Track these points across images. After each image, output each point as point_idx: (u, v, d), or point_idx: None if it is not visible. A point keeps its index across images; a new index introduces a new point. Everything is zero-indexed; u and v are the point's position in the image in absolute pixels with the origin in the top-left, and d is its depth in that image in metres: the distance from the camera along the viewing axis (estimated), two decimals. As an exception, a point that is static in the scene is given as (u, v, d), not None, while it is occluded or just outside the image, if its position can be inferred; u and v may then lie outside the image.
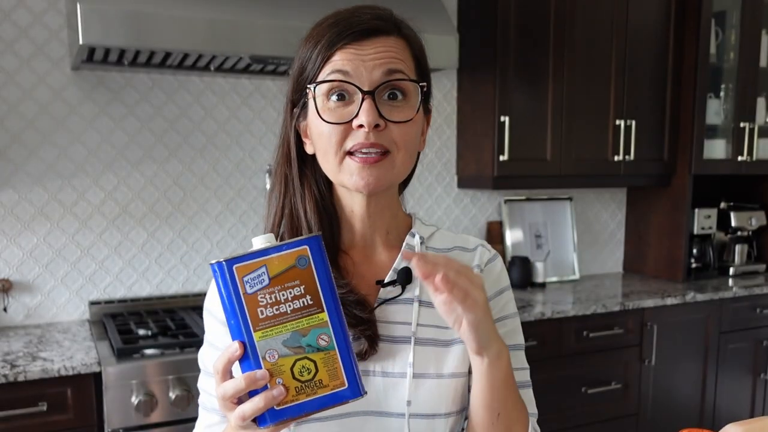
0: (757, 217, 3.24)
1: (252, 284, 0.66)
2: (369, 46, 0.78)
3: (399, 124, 0.79)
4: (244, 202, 2.51)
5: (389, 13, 0.82)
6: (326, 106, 0.79)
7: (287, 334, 0.67)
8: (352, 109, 0.78)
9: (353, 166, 0.79)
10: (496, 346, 0.76)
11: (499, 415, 0.79)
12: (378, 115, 0.77)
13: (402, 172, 0.83)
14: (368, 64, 0.78)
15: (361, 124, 0.77)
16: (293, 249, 0.67)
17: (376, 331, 0.83)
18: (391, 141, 0.79)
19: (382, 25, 0.80)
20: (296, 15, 2.00)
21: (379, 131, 0.78)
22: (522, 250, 3.02)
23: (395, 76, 0.79)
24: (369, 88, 0.77)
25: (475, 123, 2.75)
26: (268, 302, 0.67)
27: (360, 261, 0.88)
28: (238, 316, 0.66)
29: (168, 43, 1.88)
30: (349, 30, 0.78)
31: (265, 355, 0.67)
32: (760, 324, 2.97)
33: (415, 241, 0.89)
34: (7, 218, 2.19)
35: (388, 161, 0.80)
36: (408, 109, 0.80)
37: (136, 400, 1.80)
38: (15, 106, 2.16)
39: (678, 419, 2.81)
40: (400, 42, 0.81)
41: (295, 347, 0.67)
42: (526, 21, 2.62)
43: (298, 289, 0.67)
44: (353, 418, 0.82)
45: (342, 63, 0.78)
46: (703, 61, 2.89)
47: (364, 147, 0.78)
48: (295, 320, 0.67)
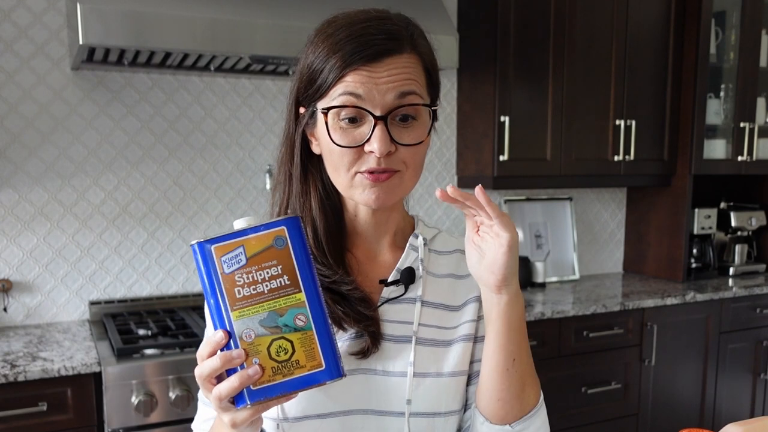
0: (757, 217, 3.24)
1: (230, 264, 0.67)
2: (382, 68, 0.77)
3: (409, 147, 0.79)
4: (244, 202, 2.51)
5: (402, 27, 0.80)
6: (337, 124, 0.78)
7: (264, 314, 0.67)
8: (363, 130, 0.78)
9: (365, 182, 0.79)
10: (516, 284, 0.78)
11: (515, 360, 0.80)
12: (389, 140, 0.77)
13: (410, 187, 0.83)
14: (381, 87, 0.76)
15: (373, 150, 0.77)
16: (271, 230, 0.68)
17: (380, 328, 0.84)
18: (401, 162, 0.79)
19: (395, 45, 0.78)
20: (296, 15, 2.00)
21: (390, 156, 0.78)
22: (522, 250, 3.02)
23: (407, 100, 0.78)
24: (381, 113, 0.77)
25: (475, 123, 2.75)
26: (245, 282, 0.67)
27: (364, 260, 0.88)
28: (216, 295, 0.67)
29: (168, 43, 1.88)
30: (362, 51, 0.76)
31: (242, 335, 0.67)
32: (760, 324, 2.97)
33: (418, 242, 0.90)
34: (7, 218, 2.19)
35: (397, 178, 0.80)
36: (419, 131, 0.80)
37: (136, 400, 1.80)
38: (15, 106, 2.16)
39: (678, 419, 2.81)
40: (412, 58, 0.79)
41: (271, 327, 0.67)
42: (526, 21, 2.62)
43: (275, 269, 0.68)
44: (354, 416, 0.82)
45: (354, 86, 0.76)
46: (703, 61, 2.89)
47: (376, 171, 0.78)
48: (272, 300, 0.67)
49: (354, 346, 0.83)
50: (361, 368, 0.83)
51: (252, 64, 2.12)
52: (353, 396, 0.82)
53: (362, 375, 0.83)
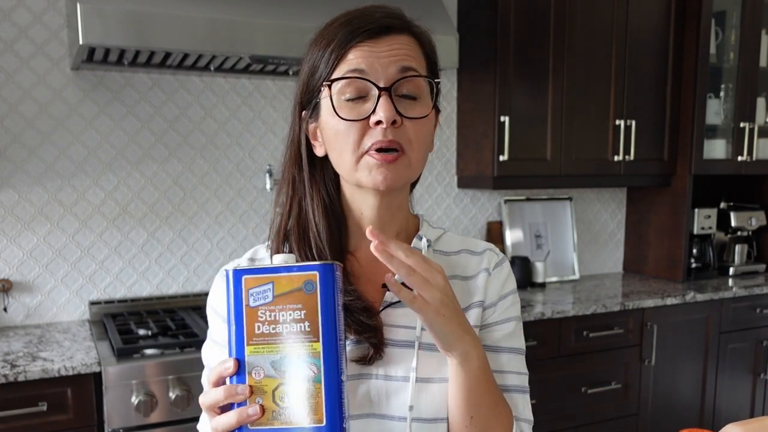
0: (757, 217, 3.24)
1: (256, 298, 0.66)
2: (383, 44, 0.78)
3: (414, 120, 0.79)
4: (244, 202, 2.51)
5: (400, 12, 0.83)
6: (342, 103, 0.79)
7: (277, 355, 0.66)
8: (368, 106, 0.78)
9: (372, 162, 0.79)
10: (462, 348, 0.75)
11: (472, 418, 0.79)
12: (395, 111, 0.77)
13: (416, 171, 0.83)
14: (383, 61, 0.78)
15: (379, 120, 0.77)
16: (303, 272, 0.67)
17: (382, 338, 0.83)
18: (407, 139, 0.79)
19: (395, 23, 0.80)
20: (296, 15, 1.99)
21: (396, 128, 0.78)
22: (522, 250, 3.02)
23: (410, 73, 0.79)
24: (385, 85, 0.77)
25: (475, 123, 2.75)
26: (267, 319, 0.66)
27: (367, 263, 0.87)
28: (235, 325, 0.67)
29: (168, 43, 1.88)
30: (363, 27, 0.78)
31: (252, 371, 0.66)
32: (760, 324, 2.97)
33: (422, 244, 0.89)
34: (7, 218, 2.19)
35: (405, 159, 0.80)
36: (423, 106, 0.80)
37: (136, 400, 1.80)
38: (15, 106, 2.16)
39: (678, 419, 2.81)
40: (412, 40, 0.81)
41: (282, 370, 0.66)
42: (526, 21, 2.62)
43: (298, 313, 0.66)
44: (355, 421, 0.82)
45: (357, 61, 0.78)
46: (703, 61, 2.89)
47: (383, 145, 0.78)
48: (289, 343, 0.66)
49: (356, 352, 0.82)
50: (364, 373, 0.82)
51: (252, 64, 2.12)
52: (355, 401, 0.82)
53: (364, 380, 0.82)
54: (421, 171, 0.85)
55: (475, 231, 2.98)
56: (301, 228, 0.85)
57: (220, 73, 2.35)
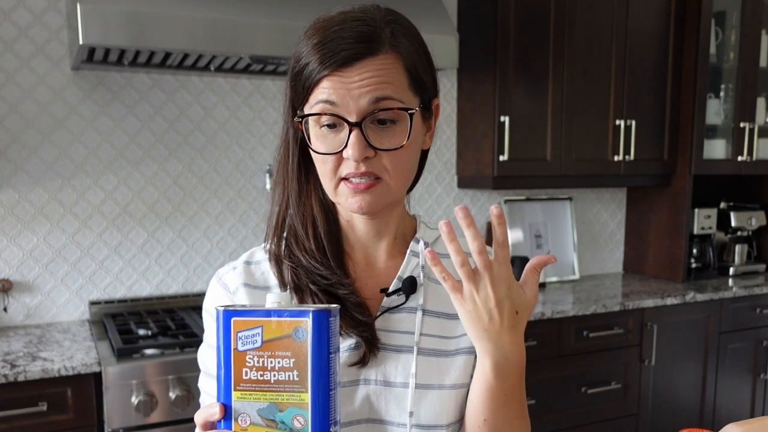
0: (757, 217, 3.24)
1: (244, 342, 0.65)
2: (354, 73, 0.74)
3: (389, 151, 0.77)
4: (244, 202, 2.51)
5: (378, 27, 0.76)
6: (319, 132, 0.78)
7: (264, 404, 0.65)
8: (342, 137, 0.76)
9: (347, 191, 0.78)
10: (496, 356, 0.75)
11: (485, 420, 0.79)
12: (365, 145, 0.75)
13: (398, 194, 0.81)
14: (354, 93, 0.74)
15: (348, 156, 0.76)
16: (294, 318, 0.64)
17: (375, 334, 0.82)
18: (382, 168, 0.77)
19: (365, 48, 0.75)
20: (296, 15, 2.00)
21: (370, 160, 0.76)
22: (522, 250, 3.02)
23: (382, 105, 0.75)
24: (356, 119, 0.74)
25: (475, 123, 2.75)
26: (254, 365, 0.65)
27: (362, 266, 0.87)
28: (224, 369, 0.65)
29: (168, 43, 1.88)
30: (331, 58, 0.74)
31: (239, 418, 0.65)
32: (760, 324, 2.97)
33: (419, 247, 0.87)
34: (7, 218, 2.19)
35: (382, 186, 0.78)
36: (398, 135, 0.77)
37: (136, 400, 1.80)
38: (15, 106, 2.16)
39: (678, 419, 2.81)
40: (389, 58, 0.76)
41: (268, 419, 0.65)
42: (526, 21, 2.62)
43: (287, 361, 0.65)
44: (353, 426, 0.81)
45: (328, 92, 0.75)
46: (703, 61, 2.89)
47: (356, 176, 0.77)
48: (276, 392, 0.65)
49: (352, 356, 0.81)
50: (362, 379, 0.82)
51: (252, 64, 2.12)
52: (355, 407, 0.81)
53: (363, 386, 0.82)
54: (406, 190, 0.84)
55: (475, 231, 2.97)
56: (298, 222, 0.85)
57: (220, 73, 2.35)
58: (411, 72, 0.78)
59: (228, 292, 0.85)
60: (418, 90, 0.80)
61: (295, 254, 0.84)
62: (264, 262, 0.87)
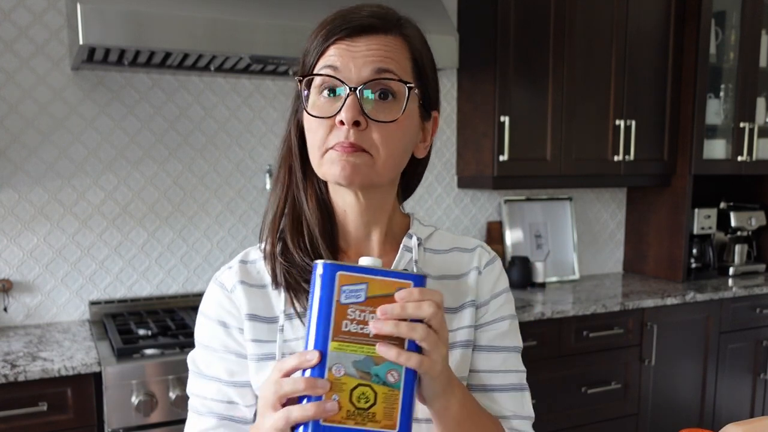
0: (757, 217, 3.24)
1: (348, 295, 0.66)
2: (361, 43, 0.77)
3: (380, 124, 0.77)
4: (244, 202, 2.51)
5: (390, 12, 0.81)
6: (317, 101, 0.79)
7: (361, 356, 0.66)
8: (339, 105, 0.76)
9: (333, 155, 0.78)
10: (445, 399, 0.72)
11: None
12: (359, 112, 0.75)
13: (385, 174, 0.80)
14: (358, 61, 0.76)
15: (342, 119, 0.76)
16: (398, 279, 0.67)
17: None
18: (371, 143, 0.77)
19: (378, 23, 0.78)
20: (296, 15, 2.00)
21: (360, 130, 0.76)
22: (522, 250, 3.02)
23: (384, 75, 0.77)
24: (355, 85, 0.76)
25: (475, 123, 2.75)
26: (356, 318, 0.66)
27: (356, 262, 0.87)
28: (323, 318, 0.66)
29: (168, 43, 1.88)
30: (343, 25, 0.77)
31: (333, 368, 0.66)
32: (760, 324, 2.97)
33: (412, 242, 0.88)
34: (7, 218, 2.19)
35: (367, 159, 0.77)
36: (394, 110, 0.78)
37: (136, 400, 1.80)
38: (15, 106, 2.16)
39: (678, 419, 2.81)
40: (397, 41, 0.79)
41: (363, 371, 0.66)
42: (526, 21, 2.62)
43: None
44: None
45: (333, 58, 0.77)
46: (703, 61, 2.89)
47: (344, 145, 0.76)
48: (374, 346, 0.66)
49: None
50: None
51: (252, 64, 2.12)
52: None
53: None
54: (394, 174, 0.83)
55: (475, 231, 2.98)
56: (295, 220, 0.85)
57: (220, 73, 2.35)
58: (416, 61, 0.81)
59: (225, 290, 0.85)
60: (420, 83, 0.81)
61: (290, 252, 0.84)
62: (259, 261, 0.87)
